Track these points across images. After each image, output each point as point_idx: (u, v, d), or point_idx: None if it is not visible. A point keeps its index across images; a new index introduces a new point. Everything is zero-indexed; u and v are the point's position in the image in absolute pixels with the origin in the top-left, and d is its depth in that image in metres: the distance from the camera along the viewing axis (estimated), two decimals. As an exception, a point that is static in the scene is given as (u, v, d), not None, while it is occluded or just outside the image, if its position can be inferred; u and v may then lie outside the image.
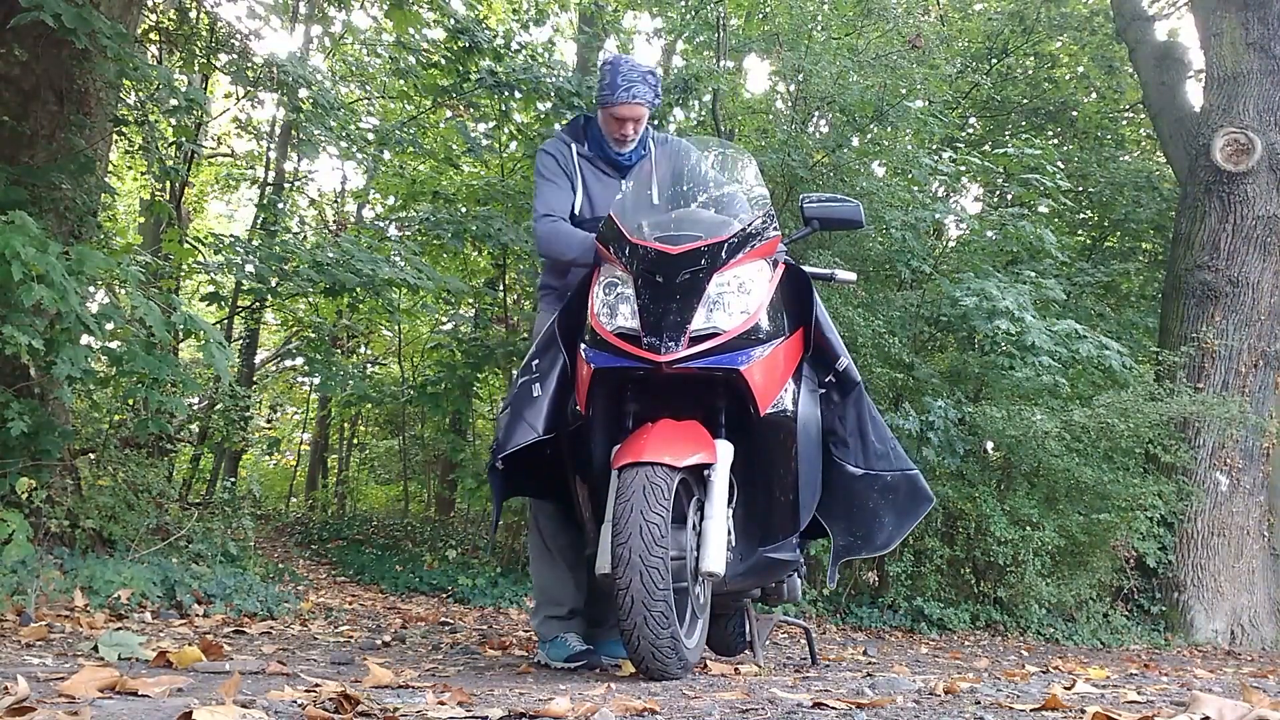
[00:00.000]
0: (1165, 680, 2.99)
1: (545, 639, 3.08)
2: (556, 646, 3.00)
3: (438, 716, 1.53)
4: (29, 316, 3.60)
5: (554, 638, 3.04)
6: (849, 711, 1.71)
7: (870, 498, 2.82)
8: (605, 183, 3.23)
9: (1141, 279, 9.53)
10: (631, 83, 3.07)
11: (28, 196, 4.30)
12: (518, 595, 6.15)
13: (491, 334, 9.23)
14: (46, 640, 2.86)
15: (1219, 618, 6.77)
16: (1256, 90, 7.29)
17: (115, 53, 4.36)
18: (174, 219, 6.34)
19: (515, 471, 2.83)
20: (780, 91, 9.08)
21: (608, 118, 3.16)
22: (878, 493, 2.82)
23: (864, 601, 6.42)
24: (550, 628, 3.09)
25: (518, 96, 7.95)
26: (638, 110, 3.12)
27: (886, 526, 2.84)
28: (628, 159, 3.20)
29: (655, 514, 2.30)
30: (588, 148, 3.25)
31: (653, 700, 1.80)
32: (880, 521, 2.83)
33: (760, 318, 2.60)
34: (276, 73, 6.51)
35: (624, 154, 3.20)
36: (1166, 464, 6.75)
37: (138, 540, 4.52)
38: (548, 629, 3.09)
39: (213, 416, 6.82)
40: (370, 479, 14.84)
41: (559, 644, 3.01)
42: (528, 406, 2.73)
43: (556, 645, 3.01)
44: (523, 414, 2.73)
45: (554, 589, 3.12)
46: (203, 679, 2.09)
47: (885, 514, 2.83)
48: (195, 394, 6.34)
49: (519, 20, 10.12)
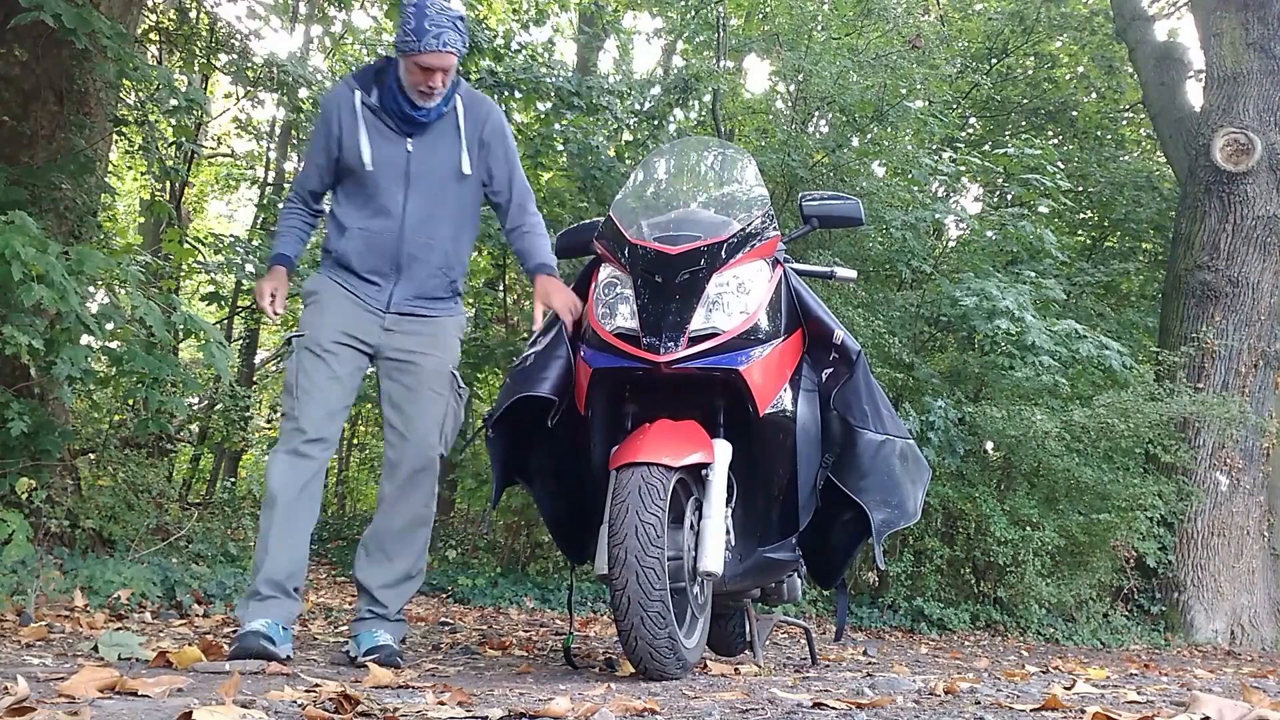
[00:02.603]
0: (1165, 680, 2.99)
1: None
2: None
3: (438, 716, 1.53)
4: (29, 316, 3.61)
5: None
6: (849, 711, 1.71)
7: (893, 463, 2.76)
8: (391, 140, 2.89)
9: (1141, 279, 9.53)
10: (441, 28, 2.73)
11: (28, 196, 4.30)
12: (518, 595, 6.15)
13: (491, 334, 9.23)
14: (46, 640, 2.87)
15: (1219, 618, 6.76)
16: (1256, 90, 7.29)
17: (115, 53, 4.36)
18: (174, 219, 6.34)
19: (514, 447, 2.81)
20: (780, 91, 9.08)
21: (412, 67, 2.78)
22: (898, 459, 2.79)
23: (864, 601, 6.42)
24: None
25: (518, 96, 7.95)
26: (447, 60, 2.77)
27: (911, 494, 2.79)
28: (427, 115, 2.87)
29: (651, 514, 2.29)
30: (376, 97, 2.89)
31: (652, 700, 1.80)
32: (906, 488, 2.78)
33: (759, 318, 2.60)
34: (276, 73, 6.52)
35: (425, 109, 2.86)
36: (1166, 464, 6.75)
37: (138, 540, 4.52)
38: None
39: (213, 416, 6.83)
40: (370, 479, 14.83)
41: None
42: (522, 373, 2.71)
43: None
44: (516, 379, 2.72)
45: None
46: (203, 679, 2.09)
47: (905, 481, 2.79)
48: (195, 394, 6.34)
49: (519, 20, 10.12)
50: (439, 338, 2.96)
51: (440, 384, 2.93)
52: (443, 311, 2.98)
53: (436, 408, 2.92)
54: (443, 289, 2.98)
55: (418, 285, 2.93)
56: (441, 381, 2.93)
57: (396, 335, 2.91)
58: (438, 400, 2.92)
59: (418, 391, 2.90)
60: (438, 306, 2.97)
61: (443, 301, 2.99)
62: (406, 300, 2.92)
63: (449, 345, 2.99)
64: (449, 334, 3.00)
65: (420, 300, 2.94)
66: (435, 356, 2.93)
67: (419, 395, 2.90)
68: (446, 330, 2.99)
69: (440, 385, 2.93)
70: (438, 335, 2.96)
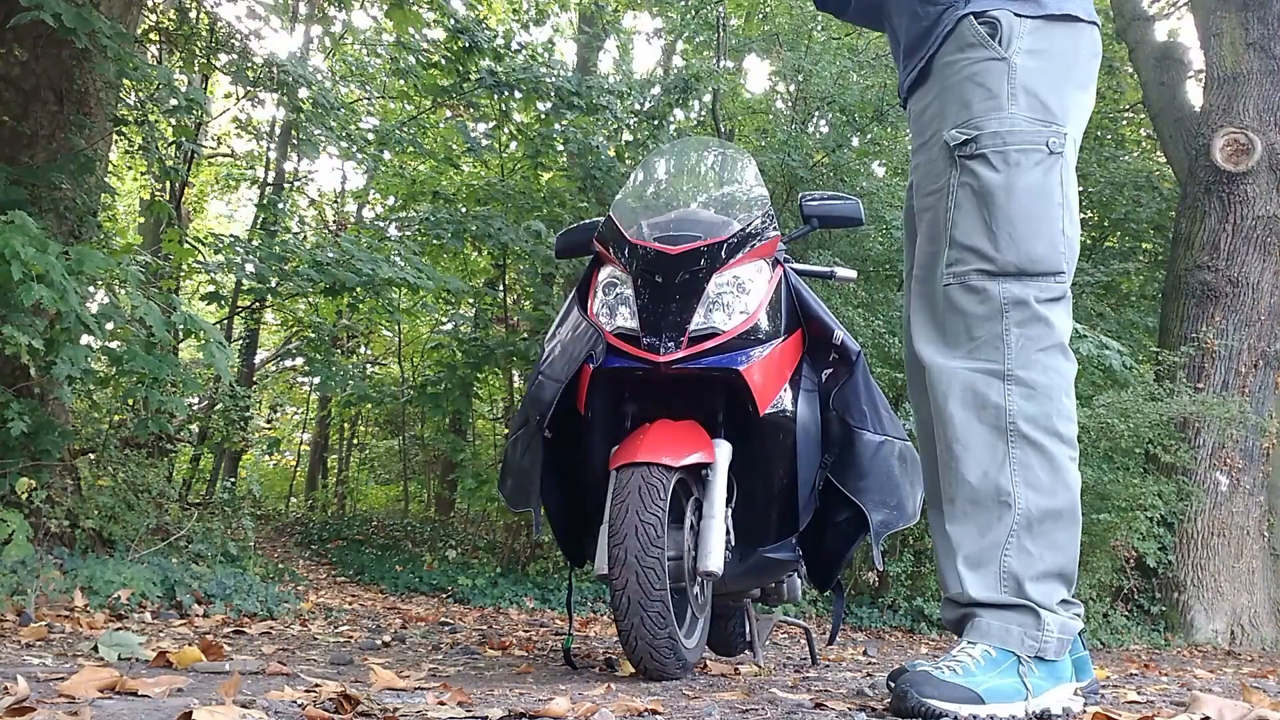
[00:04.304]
0: (1165, 680, 2.99)
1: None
2: None
3: (438, 716, 1.53)
4: (29, 316, 3.61)
5: None
6: (849, 712, 1.71)
7: (892, 464, 2.76)
8: None
9: (1141, 279, 9.53)
10: None
11: (28, 196, 4.30)
12: (518, 595, 6.15)
13: (491, 334, 9.24)
14: (46, 640, 2.86)
15: (1219, 618, 6.76)
16: (1256, 90, 7.29)
17: (115, 53, 4.36)
18: (174, 219, 6.34)
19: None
20: (780, 91, 9.08)
21: None
22: (897, 460, 2.79)
23: (864, 601, 6.42)
24: None
25: (518, 96, 7.96)
26: None
27: (910, 495, 2.79)
28: None
29: (651, 514, 2.29)
30: None
31: (653, 700, 1.80)
32: (904, 489, 2.77)
33: (759, 318, 2.60)
34: (276, 73, 6.51)
35: None
36: (1166, 464, 6.75)
37: (138, 540, 4.52)
38: None
39: (213, 416, 6.83)
40: (370, 479, 14.85)
41: None
42: (548, 365, 2.61)
43: None
44: (544, 371, 2.60)
45: None
46: (203, 679, 2.09)
47: (904, 482, 2.79)
48: (195, 394, 6.34)
49: (519, 20, 10.13)
50: None
51: None
52: None
53: None
54: None
55: None
56: None
57: None
58: None
59: None
60: None
61: None
62: None
63: None
64: None
65: None
66: None
67: None
68: None
69: None
70: None
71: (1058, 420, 1.74)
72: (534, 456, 2.59)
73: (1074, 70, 1.83)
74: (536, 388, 2.61)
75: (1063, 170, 1.77)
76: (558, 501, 2.86)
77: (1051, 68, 1.79)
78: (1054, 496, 1.72)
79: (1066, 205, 1.77)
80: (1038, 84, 1.77)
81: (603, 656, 3.27)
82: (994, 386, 1.73)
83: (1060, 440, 1.74)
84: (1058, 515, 1.72)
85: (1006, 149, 1.75)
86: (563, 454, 2.73)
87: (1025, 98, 1.76)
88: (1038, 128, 1.75)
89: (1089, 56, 1.88)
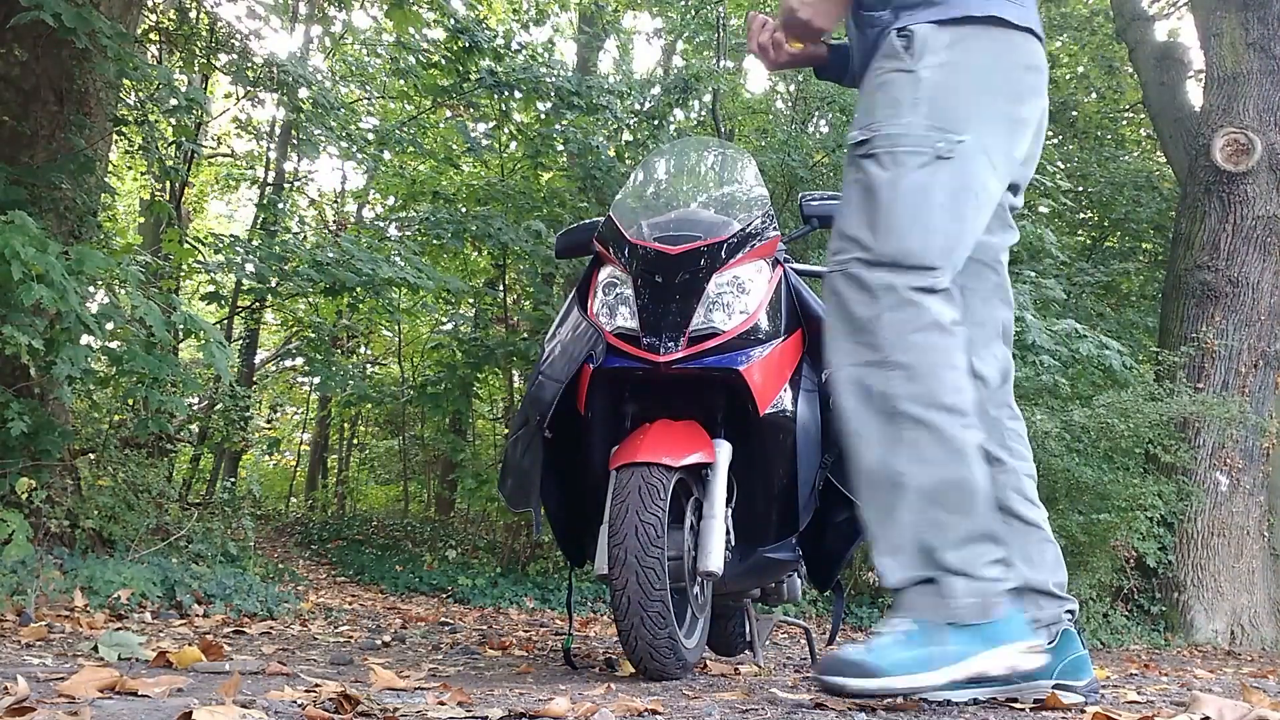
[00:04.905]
0: (1165, 680, 2.99)
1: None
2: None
3: (438, 716, 1.53)
4: (29, 316, 3.60)
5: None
6: (849, 711, 1.71)
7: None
8: None
9: (1141, 279, 9.53)
10: None
11: (28, 196, 4.30)
12: (518, 595, 6.15)
13: (491, 334, 9.24)
14: (46, 640, 2.86)
15: (1219, 618, 6.77)
16: (1256, 90, 7.29)
17: (115, 53, 4.36)
18: (174, 219, 6.35)
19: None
20: (780, 91, 9.08)
21: None
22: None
23: (864, 601, 6.42)
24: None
25: (518, 96, 7.96)
26: None
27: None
28: None
29: (651, 514, 2.29)
30: None
31: (653, 700, 1.80)
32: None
33: (759, 318, 2.60)
34: (276, 73, 6.52)
35: None
36: (1166, 464, 6.75)
37: (138, 540, 4.52)
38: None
39: (213, 416, 6.83)
40: (370, 479, 14.85)
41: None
42: (548, 365, 2.63)
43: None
44: (544, 371, 2.60)
45: None
46: (203, 679, 2.09)
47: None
48: (195, 394, 6.34)
49: (519, 20, 10.13)
50: None
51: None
52: None
53: None
54: None
55: None
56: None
57: None
58: None
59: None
60: None
61: None
62: None
63: None
64: None
65: None
66: None
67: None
68: None
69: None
70: None
71: (942, 394, 1.76)
72: (534, 456, 2.59)
73: (990, 81, 1.86)
74: (536, 388, 2.61)
75: (953, 174, 1.81)
76: (558, 501, 2.86)
77: (961, 81, 1.83)
78: (950, 466, 1.73)
79: (948, 207, 1.81)
80: (942, 95, 1.82)
81: (603, 656, 3.27)
82: (875, 375, 1.77)
83: (948, 412, 1.75)
84: (959, 483, 1.73)
85: (895, 150, 1.81)
86: (563, 454, 2.72)
87: (927, 107, 1.82)
88: (931, 134, 1.80)
89: (1017, 69, 1.89)
